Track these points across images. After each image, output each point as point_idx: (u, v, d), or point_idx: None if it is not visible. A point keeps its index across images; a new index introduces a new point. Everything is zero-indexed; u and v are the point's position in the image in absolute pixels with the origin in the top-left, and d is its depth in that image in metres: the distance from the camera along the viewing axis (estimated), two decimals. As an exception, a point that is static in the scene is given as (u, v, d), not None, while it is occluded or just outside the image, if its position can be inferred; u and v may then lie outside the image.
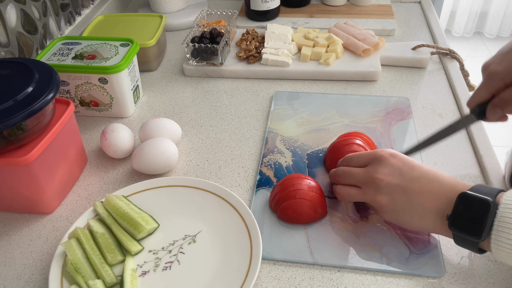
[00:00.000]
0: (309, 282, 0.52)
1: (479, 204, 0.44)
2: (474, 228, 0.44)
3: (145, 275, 0.52)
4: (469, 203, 0.45)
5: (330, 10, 1.09)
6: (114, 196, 0.59)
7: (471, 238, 0.45)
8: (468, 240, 0.45)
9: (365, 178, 0.53)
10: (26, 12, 0.81)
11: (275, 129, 0.74)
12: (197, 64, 0.89)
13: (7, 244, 0.58)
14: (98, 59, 0.75)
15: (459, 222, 0.46)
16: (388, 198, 0.51)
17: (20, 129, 0.53)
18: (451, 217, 0.46)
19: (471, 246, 0.46)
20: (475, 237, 0.44)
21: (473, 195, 0.45)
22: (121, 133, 0.68)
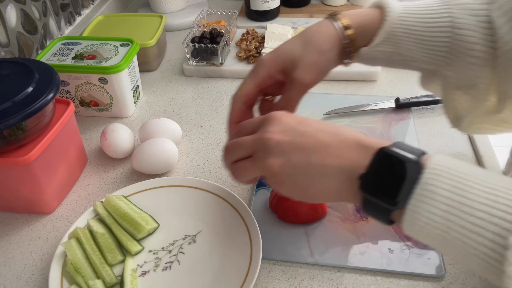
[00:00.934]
0: (309, 282, 0.52)
1: (399, 163, 0.36)
2: (390, 192, 0.36)
3: (145, 275, 0.52)
4: (387, 160, 0.37)
5: (330, 10, 1.09)
6: (114, 196, 0.59)
7: (385, 204, 0.37)
8: (379, 207, 0.37)
9: (254, 142, 0.43)
10: (26, 12, 0.81)
11: (275, 129, 0.74)
12: (197, 64, 0.89)
13: (7, 244, 0.58)
14: (98, 59, 0.75)
15: (374, 183, 0.37)
16: (281, 159, 0.41)
17: (20, 129, 0.53)
18: (365, 177, 0.38)
19: (382, 215, 0.38)
20: (389, 203, 0.36)
21: (394, 151, 0.37)
22: (121, 133, 0.68)
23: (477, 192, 0.33)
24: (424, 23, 0.50)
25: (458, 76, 0.52)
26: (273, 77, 0.51)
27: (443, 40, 0.50)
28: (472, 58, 0.50)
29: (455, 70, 0.52)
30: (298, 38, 0.51)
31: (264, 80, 0.51)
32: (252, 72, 0.51)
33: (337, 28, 0.50)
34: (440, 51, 0.51)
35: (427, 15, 0.50)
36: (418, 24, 0.50)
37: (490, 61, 0.50)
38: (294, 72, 0.50)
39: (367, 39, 0.51)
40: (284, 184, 0.42)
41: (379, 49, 0.51)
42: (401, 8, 0.51)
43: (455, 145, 0.70)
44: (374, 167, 0.37)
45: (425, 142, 0.70)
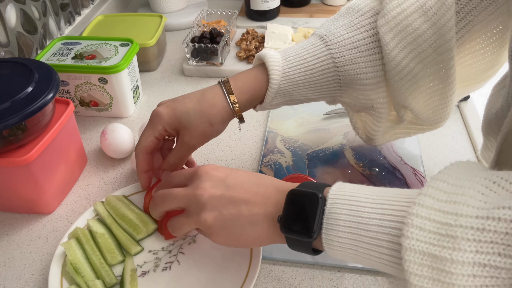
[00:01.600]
0: (309, 282, 0.52)
1: (307, 200, 0.40)
2: (304, 227, 0.40)
3: (145, 275, 0.52)
4: (297, 200, 0.41)
5: (330, 10, 1.09)
6: (114, 197, 0.59)
7: (303, 238, 0.40)
8: (300, 241, 0.41)
9: (186, 197, 0.46)
10: (26, 12, 0.81)
11: (275, 129, 0.74)
12: (197, 64, 0.89)
13: (7, 244, 0.58)
14: (98, 59, 0.75)
15: (289, 222, 0.41)
16: (215, 213, 0.44)
17: (20, 129, 0.53)
18: (282, 219, 0.42)
19: (305, 248, 0.42)
20: (306, 236, 0.40)
21: (301, 190, 0.41)
22: (121, 133, 0.68)
23: (369, 210, 0.37)
24: (307, 71, 0.54)
25: (355, 102, 0.56)
26: (166, 131, 0.55)
27: (331, 79, 0.54)
28: (362, 86, 0.54)
29: (350, 97, 0.56)
30: (195, 104, 0.54)
31: (161, 133, 0.55)
32: (149, 125, 0.55)
33: (229, 103, 0.54)
34: (331, 87, 0.56)
35: (309, 63, 0.54)
36: (302, 74, 0.54)
37: (382, 82, 0.54)
38: (185, 137, 0.54)
39: (259, 99, 0.56)
40: (218, 235, 0.45)
41: (273, 103, 0.57)
42: (282, 62, 0.55)
43: (455, 145, 0.70)
44: (286, 209, 0.42)
45: (425, 142, 0.70)
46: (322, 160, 0.67)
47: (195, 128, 0.54)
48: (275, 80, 0.54)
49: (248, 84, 0.55)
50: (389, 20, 0.50)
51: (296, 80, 0.54)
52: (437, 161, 0.67)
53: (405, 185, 0.62)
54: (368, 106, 0.55)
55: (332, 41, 0.53)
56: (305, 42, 0.55)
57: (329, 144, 0.70)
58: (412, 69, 0.51)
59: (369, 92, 0.54)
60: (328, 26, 0.55)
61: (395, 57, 0.51)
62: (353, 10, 0.54)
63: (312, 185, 0.42)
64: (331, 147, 0.70)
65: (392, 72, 0.52)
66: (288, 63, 0.54)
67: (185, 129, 0.54)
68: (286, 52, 0.55)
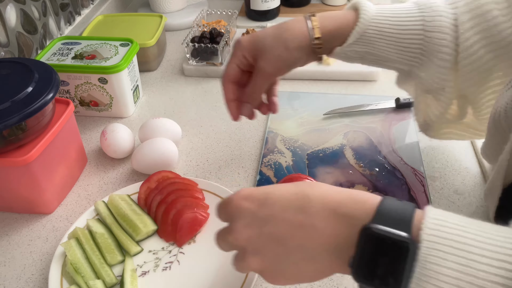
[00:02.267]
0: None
1: (392, 246, 0.30)
2: (387, 278, 0.31)
3: (145, 275, 0.52)
4: (378, 246, 0.31)
5: (330, 10, 1.09)
6: (117, 196, 0.59)
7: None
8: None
9: (228, 244, 0.40)
10: (26, 12, 0.81)
11: (275, 129, 0.74)
12: (197, 64, 0.89)
13: (7, 244, 0.58)
14: (98, 59, 0.75)
15: (367, 270, 0.32)
16: (258, 258, 0.37)
17: (20, 129, 0.53)
18: (354, 265, 0.32)
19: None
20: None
21: (382, 233, 0.31)
22: (121, 133, 0.68)
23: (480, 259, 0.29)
24: (396, 25, 0.52)
25: (429, 78, 0.54)
26: (246, 58, 0.55)
27: (415, 42, 0.53)
28: (441, 60, 0.52)
29: (427, 71, 0.54)
30: (272, 30, 0.54)
31: (241, 61, 0.55)
32: (231, 54, 0.56)
33: (309, 29, 0.53)
34: (413, 52, 0.53)
35: (400, 18, 0.53)
36: (391, 26, 0.53)
37: (455, 64, 0.52)
38: (260, 61, 0.53)
39: (341, 39, 0.54)
40: (275, 278, 0.38)
41: (352, 49, 0.54)
42: (375, 10, 0.53)
43: (455, 145, 0.70)
44: (362, 252, 0.32)
45: (425, 142, 0.70)
46: (322, 160, 0.67)
47: (269, 52, 0.52)
48: (364, 20, 0.52)
49: (335, 17, 0.54)
50: (470, 1, 0.50)
51: (384, 30, 0.53)
52: (437, 161, 0.67)
53: (405, 185, 0.62)
54: (439, 87, 0.53)
55: (426, 5, 0.52)
56: (400, 4, 0.54)
57: (329, 144, 0.70)
58: (482, 56, 0.50)
59: (445, 71, 0.52)
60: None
61: (468, 39, 0.50)
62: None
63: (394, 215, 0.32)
64: (331, 147, 0.70)
65: (463, 54, 0.50)
66: (380, 12, 0.53)
67: (261, 53, 0.53)
68: (381, 6, 0.54)
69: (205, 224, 0.57)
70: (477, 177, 0.64)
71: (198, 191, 0.60)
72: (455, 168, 0.66)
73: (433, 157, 0.68)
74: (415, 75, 0.56)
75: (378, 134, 0.72)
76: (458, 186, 0.63)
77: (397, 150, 0.68)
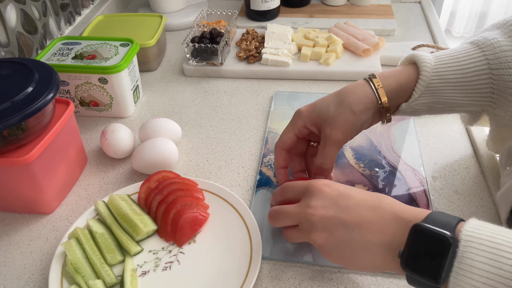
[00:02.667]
0: (309, 282, 0.52)
1: (437, 241, 0.37)
2: (432, 270, 0.37)
3: (145, 275, 0.52)
4: (425, 240, 0.38)
5: (330, 10, 1.09)
6: (117, 196, 0.59)
7: (429, 281, 0.37)
8: (424, 283, 0.38)
9: (298, 215, 0.46)
10: (26, 12, 0.81)
11: (275, 129, 0.74)
12: (197, 64, 0.89)
13: (7, 244, 0.58)
14: (98, 59, 0.75)
15: (415, 261, 0.38)
16: (325, 234, 0.44)
17: (20, 129, 0.53)
18: (404, 255, 0.39)
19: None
20: (433, 280, 0.36)
21: (429, 229, 0.37)
22: (121, 133, 0.68)
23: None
24: (460, 69, 0.51)
25: (505, 114, 0.52)
26: (308, 128, 0.54)
27: (484, 82, 0.51)
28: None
29: (502, 108, 0.52)
30: (334, 97, 0.54)
31: (300, 130, 0.54)
32: (291, 122, 0.56)
33: (374, 91, 0.52)
34: (483, 93, 0.52)
35: (461, 62, 0.52)
36: (454, 72, 0.52)
37: None
38: (327, 129, 0.52)
39: (406, 95, 0.53)
40: (330, 255, 0.45)
41: (419, 101, 0.53)
42: (434, 60, 0.52)
43: (455, 145, 0.70)
44: (411, 246, 0.38)
45: (425, 142, 0.70)
46: (322, 160, 0.67)
47: (335, 118, 0.52)
48: (426, 72, 0.51)
49: (396, 75, 0.53)
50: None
51: (448, 78, 0.52)
52: (437, 161, 0.67)
53: (405, 185, 0.62)
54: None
55: (486, 44, 0.51)
56: (455, 47, 0.53)
57: (329, 144, 0.70)
58: None
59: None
60: (477, 36, 0.53)
61: None
62: (501, 24, 0.53)
63: (441, 220, 0.38)
64: (331, 147, 0.70)
65: None
66: (439, 61, 0.52)
67: (326, 121, 0.52)
68: (436, 54, 0.54)
69: (205, 224, 0.57)
70: (477, 177, 0.64)
71: (198, 191, 0.60)
72: (455, 168, 0.66)
73: (433, 157, 0.68)
74: (489, 113, 0.55)
75: (378, 134, 0.72)
76: (458, 186, 0.63)
77: (397, 150, 0.68)
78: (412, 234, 0.38)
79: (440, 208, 0.59)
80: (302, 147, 0.58)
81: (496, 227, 0.36)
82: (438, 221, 0.38)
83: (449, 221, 0.38)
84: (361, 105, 0.52)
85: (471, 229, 0.36)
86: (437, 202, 0.60)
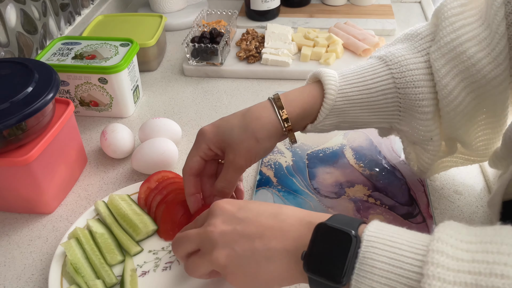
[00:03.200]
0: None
1: (338, 238, 0.36)
2: (332, 269, 0.35)
3: (145, 275, 0.52)
4: (326, 237, 0.36)
5: (330, 10, 1.09)
6: (117, 196, 0.59)
7: (329, 282, 0.35)
8: (325, 285, 0.36)
9: (198, 236, 0.43)
10: (26, 12, 0.81)
11: (275, 129, 0.74)
12: (197, 64, 0.89)
13: (7, 244, 0.58)
14: (98, 59, 0.75)
15: (317, 262, 0.36)
16: (227, 251, 0.40)
17: (20, 129, 0.53)
18: (306, 256, 0.37)
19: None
20: (333, 281, 0.35)
21: (331, 225, 0.36)
22: (121, 133, 0.68)
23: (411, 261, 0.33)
24: (366, 89, 0.51)
25: (413, 132, 0.52)
26: (212, 150, 0.52)
27: (390, 101, 0.51)
28: (422, 114, 0.50)
29: (409, 125, 0.52)
30: (239, 120, 0.51)
31: (206, 153, 0.52)
32: (195, 145, 0.52)
33: (278, 116, 0.51)
34: (390, 111, 0.52)
35: (367, 81, 0.51)
36: (360, 92, 0.51)
37: (438, 112, 0.51)
38: (230, 155, 0.51)
39: (311, 117, 0.52)
40: (235, 276, 0.41)
41: (325, 123, 0.53)
42: (339, 79, 0.52)
43: (455, 145, 0.70)
44: (313, 245, 0.37)
45: (425, 142, 0.70)
46: (322, 160, 0.67)
47: (239, 145, 0.50)
48: (330, 95, 0.50)
49: (301, 98, 0.51)
50: (442, 46, 0.48)
51: (353, 98, 0.51)
52: (437, 161, 0.67)
53: (405, 185, 0.62)
54: (426, 138, 0.52)
55: (393, 61, 0.50)
56: (363, 63, 0.53)
57: (329, 144, 0.70)
58: (463, 99, 0.48)
59: (428, 123, 0.51)
60: (387, 49, 0.52)
61: (447, 85, 0.48)
62: (412, 36, 0.52)
63: (344, 220, 0.37)
64: (331, 147, 0.70)
65: (444, 102, 0.49)
66: (345, 80, 0.51)
67: (229, 146, 0.50)
68: (343, 71, 0.53)
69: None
70: (477, 177, 0.64)
71: None
72: (455, 168, 0.65)
73: (433, 157, 0.68)
74: (397, 130, 0.55)
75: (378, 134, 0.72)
76: (458, 186, 0.63)
77: (397, 150, 0.68)
78: (315, 233, 0.37)
79: (440, 208, 0.59)
80: (211, 168, 0.55)
81: (398, 228, 0.36)
82: (341, 221, 0.37)
83: (352, 222, 0.37)
84: (264, 132, 0.50)
85: (373, 229, 0.36)
86: (437, 202, 0.60)
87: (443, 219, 0.58)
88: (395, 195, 0.61)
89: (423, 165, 0.56)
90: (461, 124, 0.50)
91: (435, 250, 0.32)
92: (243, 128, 0.50)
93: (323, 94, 0.51)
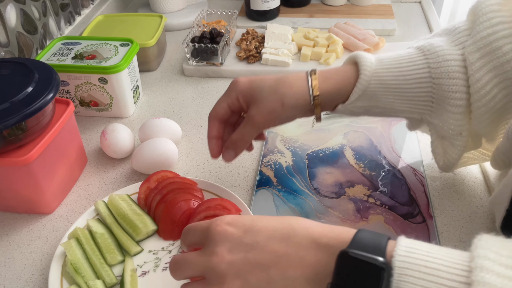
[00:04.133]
0: (309, 282, 0.51)
1: (366, 271, 0.32)
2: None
3: (145, 275, 0.52)
4: (354, 268, 0.32)
5: (330, 10, 1.09)
6: (117, 196, 0.59)
7: None
8: None
9: (203, 265, 0.38)
10: (26, 12, 0.81)
11: (275, 129, 0.74)
12: (197, 64, 0.89)
13: (7, 244, 0.58)
14: (98, 59, 0.75)
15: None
16: (239, 282, 0.36)
17: (20, 129, 0.53)
18: None
19: None
20: None
21: (357, 256, 0.32)
22: (121, 133, 0.68)
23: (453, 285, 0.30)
24: (401, 76, 0.51)
25: (443, 125, 0.52)
26: (239, 101, 0.52)
27: (424, 90, 0.51)
28: (454, 107, 0.50)
29: (440, 118, 0.52)
30: (272, 81, 0.52)
31: (233, 103, 0.53)
32: (226, 92, 0.54)
33: (309, 87, 0.51)
34: (423, 101, 0.52)
35: (403, 67, 0.51)
36: (394, 78, 0.51)
37: (469, 107, 0.50)
38: (252, 110, 0.51)
39: (343, 97, 0.52)
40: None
41: (356, 104, 0.52)
42: (376, 63, 0.52)
43: (455, 145, 0.70)
44: (339, 276, 0.33)
45: (425, 142, 0.70)
46: (322, 160, 0.67)
47: (264, 103, 0.50)
48: (365, 76, 0.50)
49: (335, 76, 0.52)
50: (477, 40, 0.48)
51: (387, 83, 0.51)
52: (437, 161, 0.67)
53: (405, 185, 0.62)
54: (456, 133, 0.51)
55: (430, 51, 0.50)
56: (401, 51, 0.53)
57: (329, 144, 0.70)
58: (495, 95, 0.48)
59: (460, 116, 0.50)
60: (425, 41, 0.52)
61: (479, 80, 0.48)
62: (450, 30, 0.52)
63: (369, 242, 0.33)
64: (331, 147, 0.70)
65: (475, 96, 0.48)
66: (381, 64, 0.51)
67: (255, 102, 0.51)
68: (380, 55, 0.53)
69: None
70: (477, 177, 0.64)
71: (197, 191, 0.60)
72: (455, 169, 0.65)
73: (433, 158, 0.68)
74: (428, 122, 0.54)
75: (378, 134, 0.72)
76: (458, 186, 0.63)
77: (397, 150, 0.68)
78: (339, 263, 0.33)
79: (440, 208, 0.59)
80: (234, 118, 0.56)
81: (429, 247, 0.33)
82: (365, 244, 0.33)
83: (378, 242, 0.33)
84: (292, 100, 0.51)
85: (403, 253, 0.32)
86: (437, 202, 0.60)
87: (443, 219, 0.58)
88: (395, 195, 0.61)
89: (450, 160, 0.55)
90: (491, 120, 0.50)
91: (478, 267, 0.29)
92: (273, 90, 0.51)
93: (358, 75, 0.52)
